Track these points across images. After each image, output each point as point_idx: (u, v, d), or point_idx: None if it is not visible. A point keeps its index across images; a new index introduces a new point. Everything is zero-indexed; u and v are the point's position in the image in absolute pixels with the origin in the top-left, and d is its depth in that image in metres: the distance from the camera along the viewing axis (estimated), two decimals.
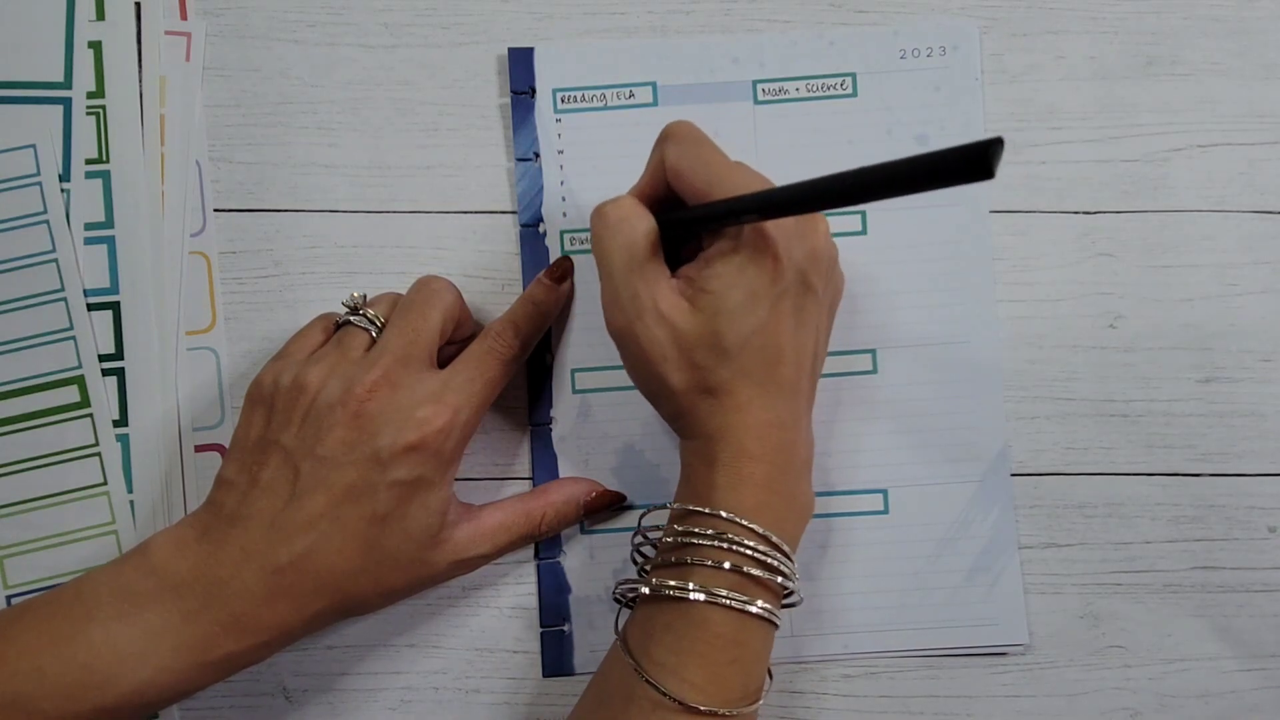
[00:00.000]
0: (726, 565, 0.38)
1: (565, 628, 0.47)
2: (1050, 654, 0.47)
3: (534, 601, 0.47)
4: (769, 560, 0.38)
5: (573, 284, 0.47)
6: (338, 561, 0.40)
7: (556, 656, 0.47)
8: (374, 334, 0.43)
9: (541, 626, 0.47)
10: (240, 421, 0.42)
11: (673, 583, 0.38)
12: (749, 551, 0.38)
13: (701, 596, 0.37)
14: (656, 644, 0.38)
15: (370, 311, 0.43)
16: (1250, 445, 0.47)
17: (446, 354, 0.44)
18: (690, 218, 0.40)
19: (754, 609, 0.37)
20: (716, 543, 0.38)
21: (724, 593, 0.37)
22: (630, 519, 0.47)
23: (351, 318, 0.44)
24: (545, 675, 0.47)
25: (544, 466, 0.47)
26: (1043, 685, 0.47)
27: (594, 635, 0.47)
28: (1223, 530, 0.47)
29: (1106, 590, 0.47)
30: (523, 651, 0.47)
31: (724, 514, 0.38)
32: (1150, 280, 0.48)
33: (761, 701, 0.39)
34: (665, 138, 0.41)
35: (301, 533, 0.39)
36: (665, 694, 0.37)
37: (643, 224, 0.40)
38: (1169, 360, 0.47)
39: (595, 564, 0.47)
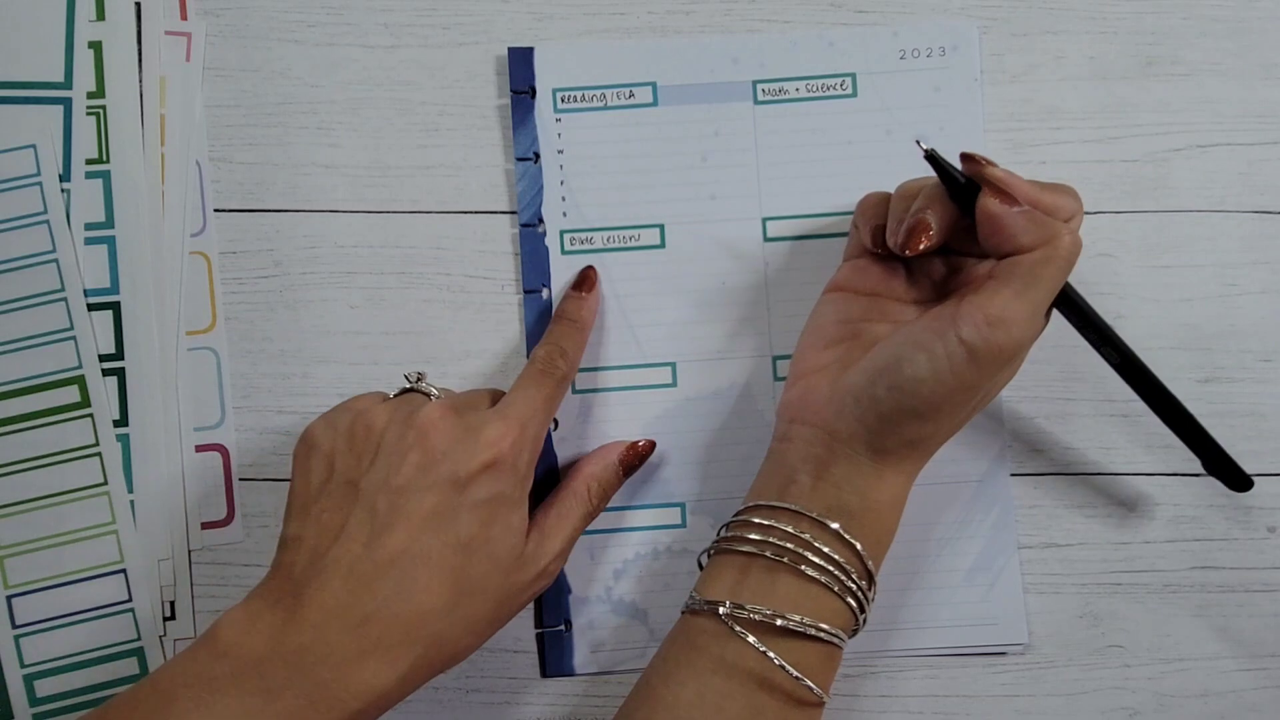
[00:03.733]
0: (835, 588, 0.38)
1: (565, 628, 0.47)
2: (1050, 654, 0.47)
3: (534, 601, 0.47)
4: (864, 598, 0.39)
5: (598, 293, 0.47)
6: (425, 600, 0.37)
7: (556, 656, 0.47)
8: (433, 398, 0.42)
9: (540, 626, 0.47)
10: (296, 475, 0.40)
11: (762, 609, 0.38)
12: (853, 585, 0.38)
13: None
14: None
15: (429, 386, 0.42)
16: (1250, 445, 0.47)
17: None
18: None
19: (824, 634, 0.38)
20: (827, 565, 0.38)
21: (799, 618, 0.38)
22: (630, 520, 0.47)
23: (414, 385, 0.43)
24: (545, 675, 0.47)
25: (544, 467, 0.47)
26: (1042, 685, 0.47)
27: (594, 635, 0.47)
28: (1223, 530, 0.47)
29: (1106, 590, 0.47)
30: (522, 651, 0.47)
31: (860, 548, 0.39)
32: (1150, 280, 0.48)
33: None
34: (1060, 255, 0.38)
35: (384, 574, 0.37)
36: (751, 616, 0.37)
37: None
38: (1169, 360, 0.47)
39: (595, 564, 0.47)
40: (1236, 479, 0.43)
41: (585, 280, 0.46)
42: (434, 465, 0.38)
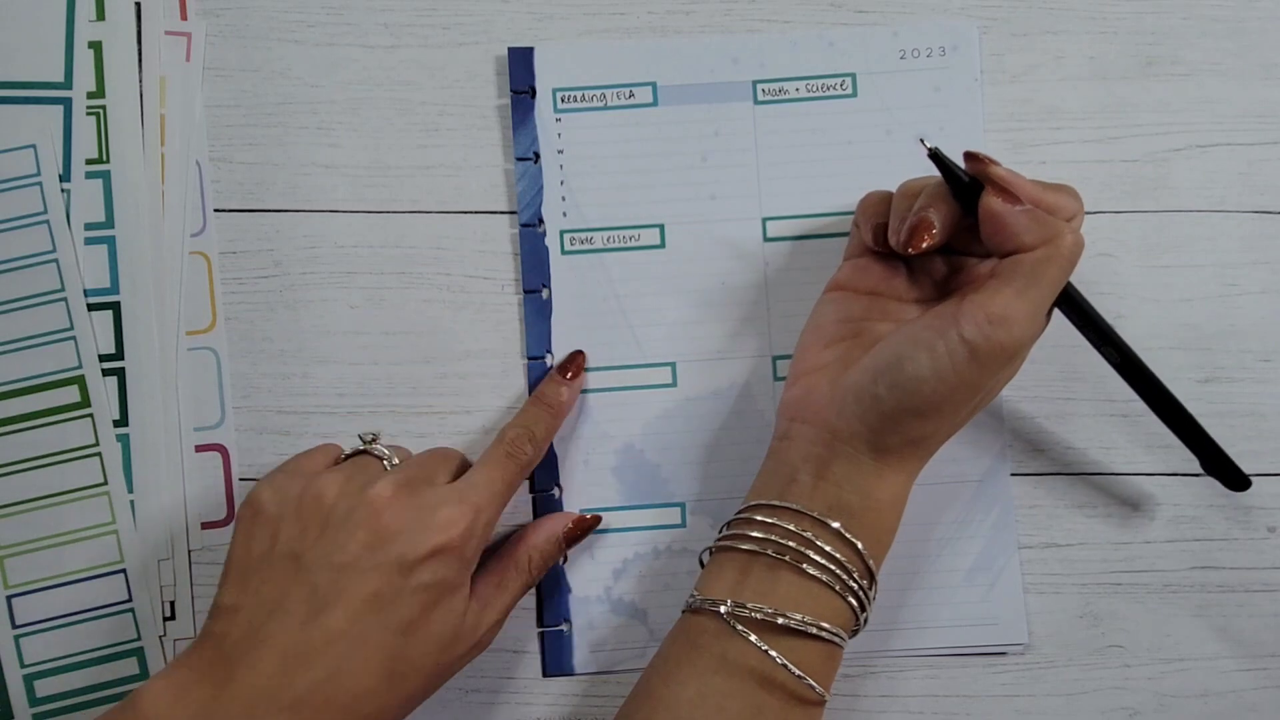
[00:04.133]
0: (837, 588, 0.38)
1: (565, 628, 0.47)
2: (1050, 654, 0.47)
3: (533, 601, 0.47)
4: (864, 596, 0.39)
5: (582, 380, 0.47)
6: (361, 682, 0.36)
7: (556, 656, 0.47)
8: (387, 466, 0.41)
9: (541, 626, 0.47)
10: (236, 540, 0.39)
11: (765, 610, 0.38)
12: (855, 585, 0.38)
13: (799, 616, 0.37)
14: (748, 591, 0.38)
15: (382, 447, 0.42)
16: (1250, 445, 0.47)
17: None
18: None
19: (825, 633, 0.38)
20: (830, 565, 0.38)
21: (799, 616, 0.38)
22: (631, 520, 0.47)
23: (368, 447, 0.42)
24: (545, 675, 0.47)
25: (544, 468, 0.47)
26: (1042, 685, 0.47)
27: (594, 635, 0.47)
28: (1222, 530, 0.47)
29: (1106, 590, 0.47)
30: (522, 651, 0.47)
31: (862, 549, 0.38)
32: (1150, 280, 0.48)
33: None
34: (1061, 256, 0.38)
35: (321, 655, 0.36)
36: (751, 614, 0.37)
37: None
38: (1169, 360, 0.47)
39: (595, 564, 0.47)
40: (1235, 479, 0.43)
41: (572, 365, 0.46)
42: (382, 545, 0.38)
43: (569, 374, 0.46)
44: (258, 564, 0.38)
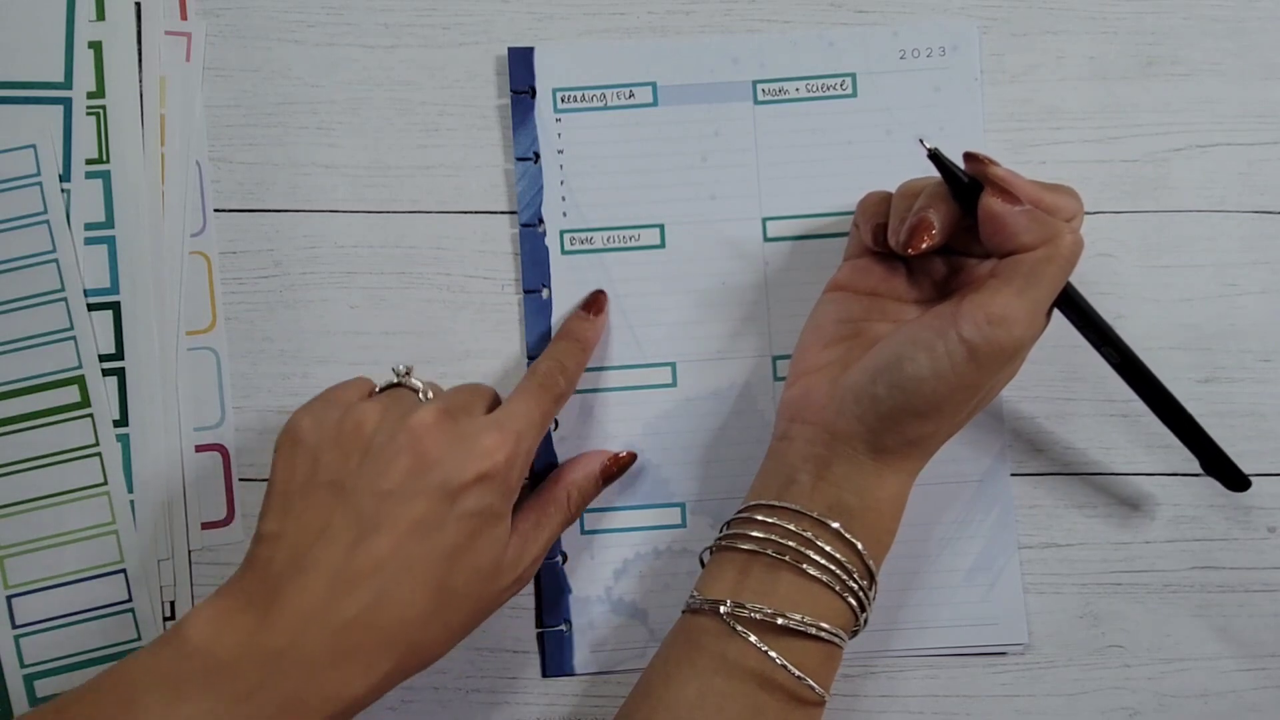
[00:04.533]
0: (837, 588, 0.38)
1: (565, 628, 0.47)
2: (1050, 654, 0.47)
3: (533, 601, 0.47)
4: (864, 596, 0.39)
5: (605, 317, 0.47)
6: (407, 609, 0.36)
7: (556, 656, 0.47)
8: (422, 398, 0.41)
9: (541, 626, 0.47)
10: (278, 468, 0.38)
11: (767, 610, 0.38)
12: (855, 585, 0.38)
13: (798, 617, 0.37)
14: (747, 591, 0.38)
15: (416, 380, 0.41)
16: (1250, 445, 0.47)
17: None
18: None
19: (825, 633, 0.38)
20: (829, 564, 0.38)
21: (799, 615, 0.38)
22: (630, 520, 0.47)
23: (402, 380, 0.41)
24: (545, 675, 0.47)
25: (544, 462, 0.47)
26: (1042, 685, 0.47)
27: (594, 635, 0.47)
28: (1222, 530, 0.47)
29: (1106, 590, 0.47)
30: (522, 651, 0.47)
31: (861, 548, 0.38)
32: (1150, 280, 0.48)
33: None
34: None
35: (368, 579, 0.36)
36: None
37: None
38: (1169, 360, 0.47)
39: (595, 564, 0.47)
40: (1235, 480, 0.43)
41: (594, 303, 0.47)
42: (425, 472, 0.37)
43: (592, 311, 0.46)
44: (300, 491, 0.37)
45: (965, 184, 0.39)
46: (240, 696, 0.34)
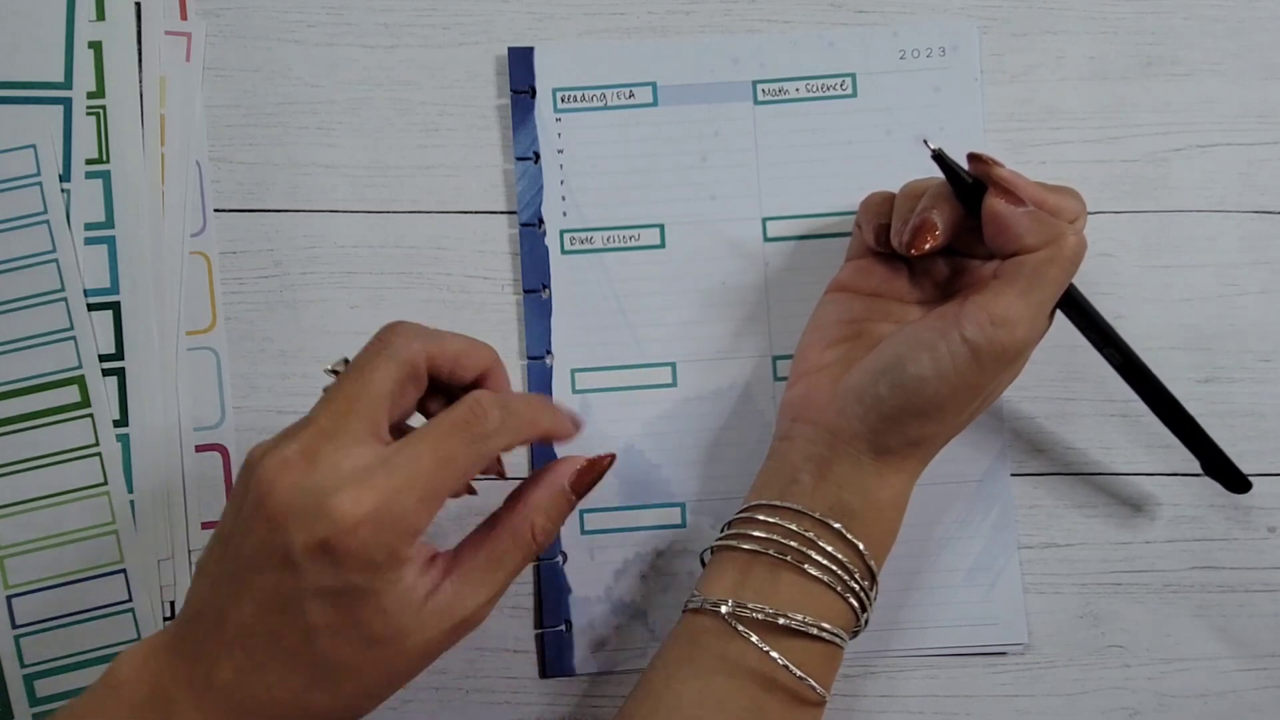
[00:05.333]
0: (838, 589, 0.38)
1: (565, 628, 0.47)
2: (1050, 654, 0.47)
3: (532, 601, 0.47)
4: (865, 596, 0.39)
5: (578, 431, 0.38)
6: (277, 687, 0.32)
7: (556, 656, 0.47)
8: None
9: (540, 626, 0.47)
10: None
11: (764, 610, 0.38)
12: (855, 585, 0.38)
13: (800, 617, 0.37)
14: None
15: (333, 371, 0.36)
16: (1250, 445, 0.47)
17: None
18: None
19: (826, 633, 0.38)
20: (832, 566, 0.38)
21: (800, 616, 0.38)
22: (630, 520, 0.47)
23: (326, 387, 0.35)
24: (544, 675, 0.47)
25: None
26: (1042, 685, 0.47)
27: (593, 635, 0.47)
28: (1222, 530, 0.47)
29: (1106, 590, 0.47)
30: (522, 651, 0.47)
31: (863, 549, 0.38)
32: (1150, 280, 0.48)
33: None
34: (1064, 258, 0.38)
35: (237, 648, 0.32)
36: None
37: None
38: (1169, 360, 0.47)
39: (595, 564, 0.47)
40: (1235, 481, 0.43)
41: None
42: (270, 539, 0.32)
43: (577, 433, 0.38)
44: (217, 537, 0.34)
45: (969, 185, 0.39)
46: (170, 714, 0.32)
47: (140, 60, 0.48)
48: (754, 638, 0.37)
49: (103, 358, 0.47)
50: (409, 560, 0.33)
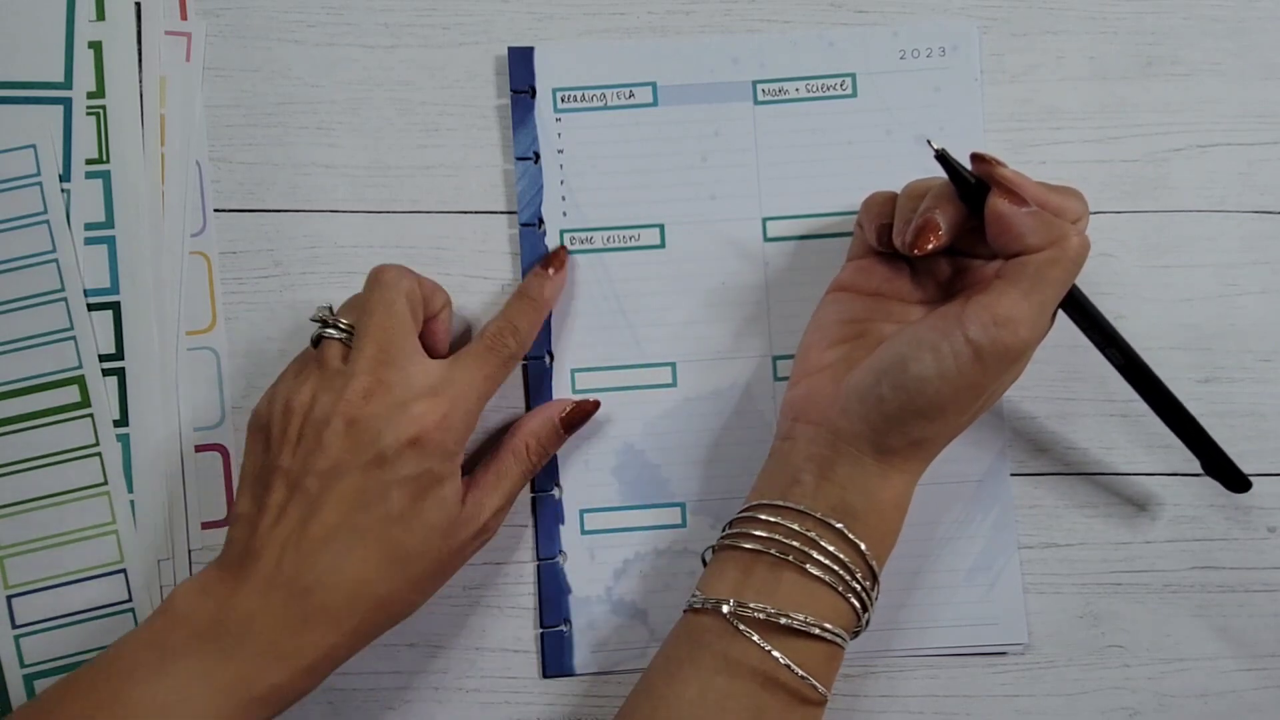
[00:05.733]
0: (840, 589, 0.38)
1: (565, 628, 0.47)
2: (1050, 654, 0.47)
3: (533, 601, 0.47)
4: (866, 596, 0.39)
5: (566, 274, 0.46)
6: (363, 571, 0.39)
7: (556, 656, 0.47)
8: (347, 342, 0.42)
9: (541, 626, 0.47)
10: (245, 454, 0.42)
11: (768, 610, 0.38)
12: (856, 585, 0.38)
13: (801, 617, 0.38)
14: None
15: (342, 321, 0.42)
16: (1250, 445, 0.47)
17: (429, 330, 0.44)
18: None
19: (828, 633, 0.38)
20: (834, 566, 0.38)
21: (802, 616, 0.38)
22: (630, 520, 0.47)
23: (324, 332, 0.42)
24: (544, 675, 0.47)
25: (545, 469, 0.47)
26: (1042, 685, 0.47)
27: (594, 635, 0.47)
28: (1222, 530, 0.47)
29: (1106, 590, 0.47)
30: (522, 651, 0.47)
31: (865, 549, 0.39)
32: (1150, 280, 0.48)
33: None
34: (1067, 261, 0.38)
35: (320, 550, 0.39)
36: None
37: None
38: (1169, 360, 0.47)
39: (595, 564, 0.47)
40: (1235, 481, 0.43)
41: (555, 259, 0.46)
42: (360, 449, 0.39)
43: (551, 269, 0.46)
44: (257, 476, 0.40)
45: (972, 185, 0.39)
46: (223, 653, 0.37)
47: (140, 60, 0.48)
48: (755, 637, 0.37)
49: (103, 358, 0.47)
50: (462, 456, 0.41)
